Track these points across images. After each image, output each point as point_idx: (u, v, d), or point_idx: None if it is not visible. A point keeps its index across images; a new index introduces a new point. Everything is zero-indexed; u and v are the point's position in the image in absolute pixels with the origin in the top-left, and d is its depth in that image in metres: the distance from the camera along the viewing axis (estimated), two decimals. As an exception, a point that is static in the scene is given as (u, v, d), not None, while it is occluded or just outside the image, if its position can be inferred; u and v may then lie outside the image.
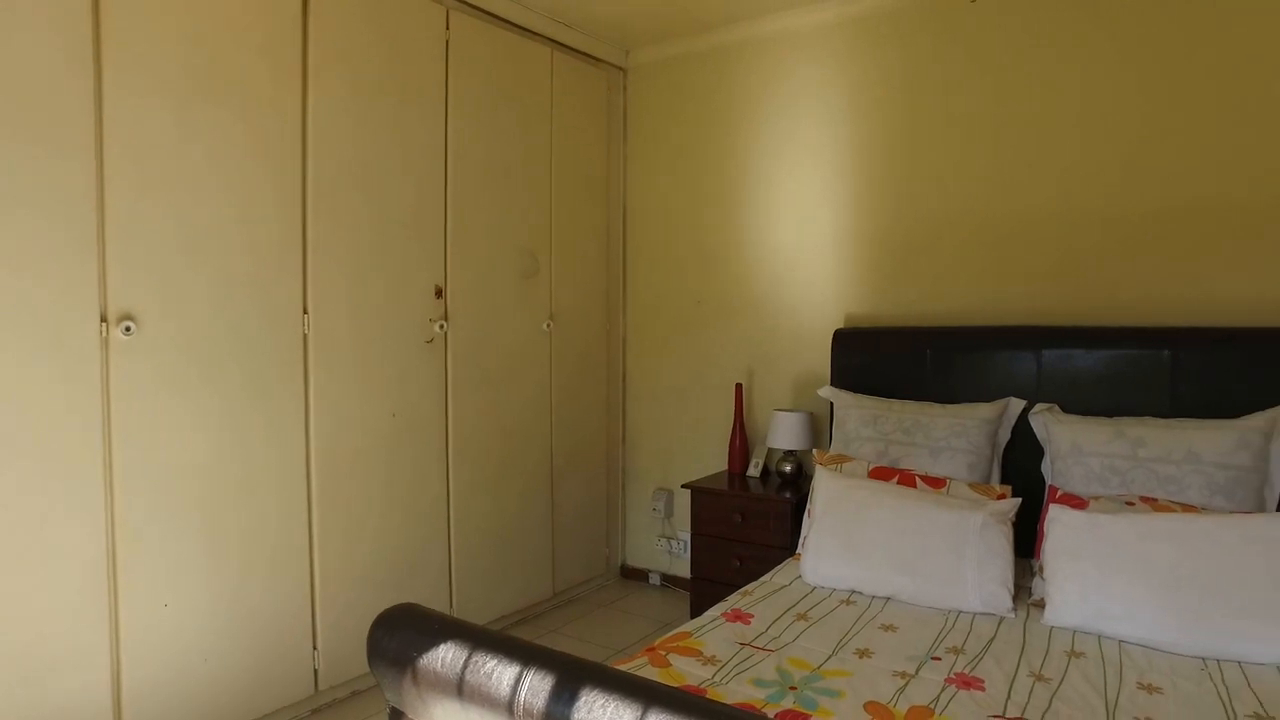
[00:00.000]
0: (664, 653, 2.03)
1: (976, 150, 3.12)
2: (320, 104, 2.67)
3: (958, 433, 2.77)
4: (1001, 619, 2.28)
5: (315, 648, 2.72)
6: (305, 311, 2.66)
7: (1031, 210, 3.02)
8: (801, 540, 2.81)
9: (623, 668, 1.92)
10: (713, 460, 3.73)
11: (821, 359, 3.40)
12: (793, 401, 3.55)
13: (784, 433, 3.30)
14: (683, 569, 3.81)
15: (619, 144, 4.03)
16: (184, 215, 2.35)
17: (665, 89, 3.90)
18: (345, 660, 2.79)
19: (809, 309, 3.52)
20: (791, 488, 3.23)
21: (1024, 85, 3.02)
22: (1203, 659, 2.02)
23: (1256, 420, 2.42)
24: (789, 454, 3.35)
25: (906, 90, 3.26)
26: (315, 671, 2.72)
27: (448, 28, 3.09)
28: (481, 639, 1.23)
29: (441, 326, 3.10)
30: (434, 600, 3.13)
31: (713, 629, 2.20)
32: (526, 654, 1.17)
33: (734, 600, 2.43)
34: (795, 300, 3.56)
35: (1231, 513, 2.26)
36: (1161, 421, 2.53)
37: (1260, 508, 2.37)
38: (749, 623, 2.25)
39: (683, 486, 3.40)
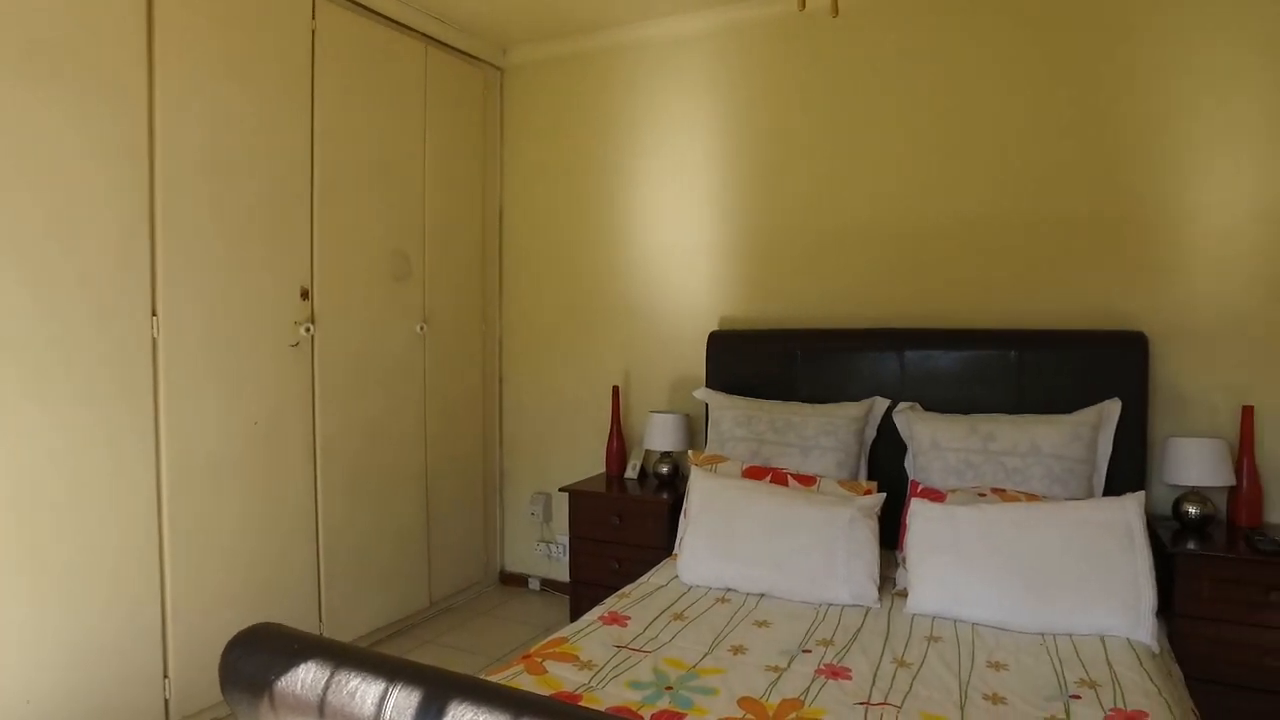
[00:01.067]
0: (540, 659, 2.01)
1: (845, 160, 3.26)
2: (169, 91, 2.49)
3: (827, 431, 2.88)
4: (869, 610, 2.38)
5: (166, 676, 2.53)
6: (154, 314, 2.48)
7: (897, 219, 3.18)
8: (678, 541, 2.85)
9: (498, 677, 1.89)
10: (591, 463, 3.73)
11: (697, 361, 3.46)
12: (669, 403, 3.60)
13: (660, 434, 3.33)
14: (562, 573, 3.79)
15: (495, 144, 3.97)
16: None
17: (543, 90, 3.87)
18: (201, 688, 2.61)
19: (685, 312, 3.58)
20: (668, 489, 3.27)
21: (889, 99, 3.18)
22: (1041, 635, 2.18)
23: (1087, 415, 2.64)
24: (666, 455, 3.39)
25: (778, 99, 3.37)
26: (166, 702, 2.54)
27: (314, 17, 2.96)
28: (345, 656, 1.18)
29: (308, 329, 2.96)
30: (300, 617, 2.98)
31: (590, 633, 2.19)
32: (392, 670, 1.13)
33: (611, 603, 2.43)
34: (671, 303, 3.61)
35: (1065, 499, 2.45)
36: (1009, 417, 2.71)
37: (1089, 493, 2.59)
38: (626, 625, 2.25)
39: (560, 490, 3.38)
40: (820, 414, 2.93)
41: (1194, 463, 2.60)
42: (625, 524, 3.18)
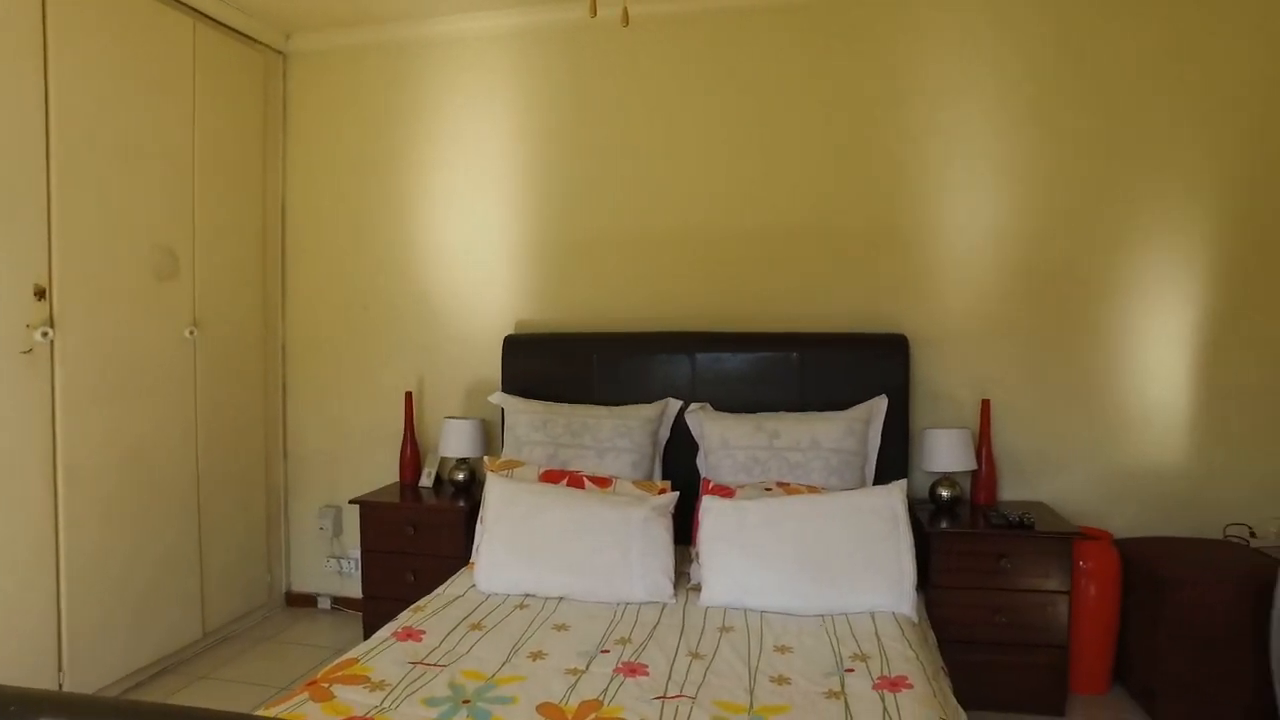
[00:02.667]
0: (327, 684, 1.88)
1: (640, 167, 3.35)
2: None
3: (622, 433, 2.93)
4: (664, 605, 2.45)
5: None
6: None
7: (691, 226, 3.31)
8: (475, 548, 2.79)
9: (281, 709, 1.75)
10: (384, 472, 3.57)
11: (493, 365, 3.41)
12: (465, 409, 3.52)
13: (456, 441, 3.25)
14: (355, 589, 3.59)
15: (278, 135, 3.69)
16: None
17: (332, 80, 3.65)
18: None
19: (481, 315, 3.52)
20: (465, 496, 3.19)
21: (679, 110, 3.30)
22: (821, 617, 2.34)
23: (860, 411, 2.89)
24: (462, 462, 3.31)
25: (574, 105, 3.40)
26: None
27: (47, -22, 2.60)
28: (77, 710, 1.03)
29: (45, 333, 2.59)
30: (33, 665, 2.59)
31: (383, 651, 2.09)
32: (118, 715, 0.99)
33: (405, 617, 2.33)
34: (467, 306, 3.53)
35: (842, 489, 2.66)
36: (792, 415, 2.90)
37: (862, 483, 2.83)
38: (421, 639, 2.17)
39: (351, 502, 3.21)
40: (615, 416, 2.99)
41: (945, 451, 2.92)
42: (420, 534, 3.07)
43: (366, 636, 2.38)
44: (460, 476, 3.28)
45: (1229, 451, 3.03)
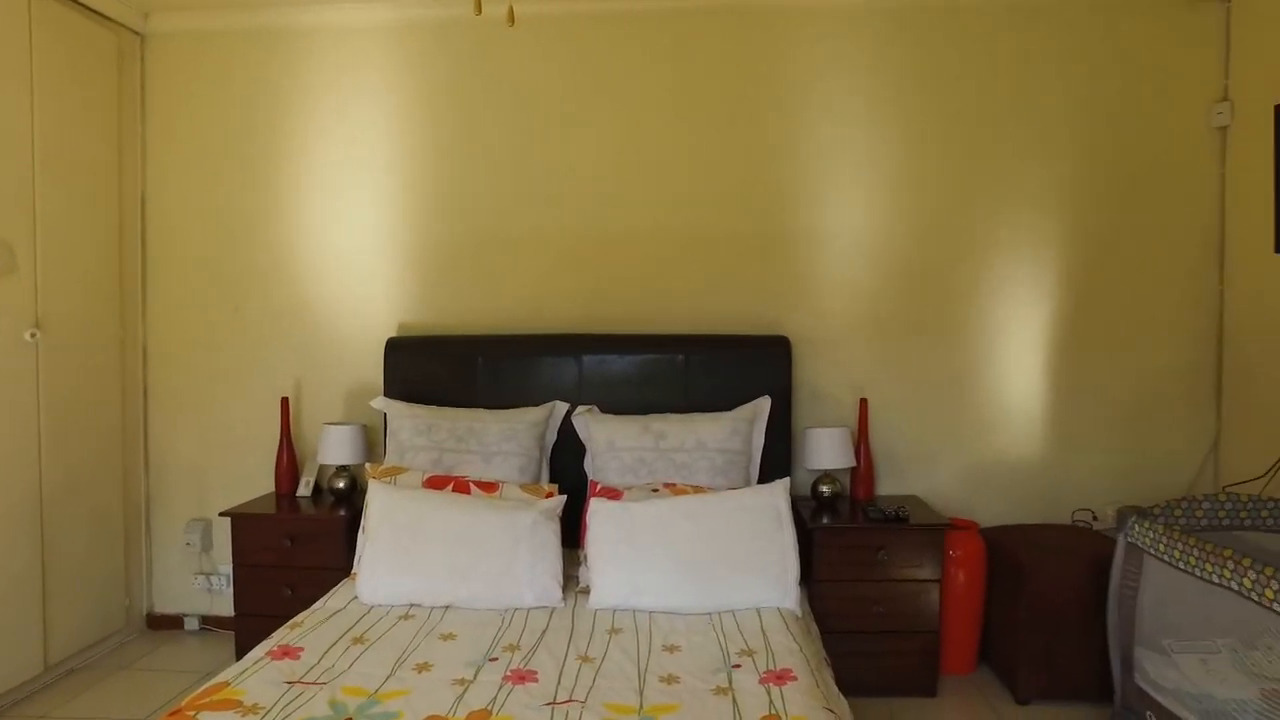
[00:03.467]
0: (193, 712, 1.76)
1: (526, 168, 3.31)
2: None
3: (508, 437, 2.89)
4: (553, 610, 2.43)
5: None
6: None
7: (577, 227, 3.30)
8: (357, 559, 2.68)
9: (137, 741, 1.62)
10: (258, 482, 3.38)
11: (375, 369, 3.29)
12: (346, 414, 3.39)
13: (336, 447, 3.12)
14: (226, 607, 3.38)
15: (135, 123, 3.44)
16: None
17: (197, 66, 3.43)
18: None
19: (362, 317, 3.39)
20: (346, 504, 3.07)
21: (569, 114, 3.29)
22: (709, 614, 2.38)
23: (744, 411, 2.95)
24: (342, 469, 3.18)
25: (458, 102, 3.33)
26: None
27: None
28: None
29: None
30: None
31: (256, 671, 1.98)
32: None
33: (281, 635, 2.22)
34: (347, 307, 3.40)
35: (727, 489, 2.71)
36: (678, 416, 2.94)
37: (747, 482, 2.90)
38: (299, 657, 2.07)
39: (222, 514, 3.02)
40: (502, 420, 2.94)
41: (826, 449, 3.02)
42: (298, 546, 2.93)
43: (239, 657, 2.25)
44: (341, 485, 3.15)
45: (1075, 444, 3.28)
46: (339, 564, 2.89)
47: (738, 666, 2.03)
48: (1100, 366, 3.27)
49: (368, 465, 2.88)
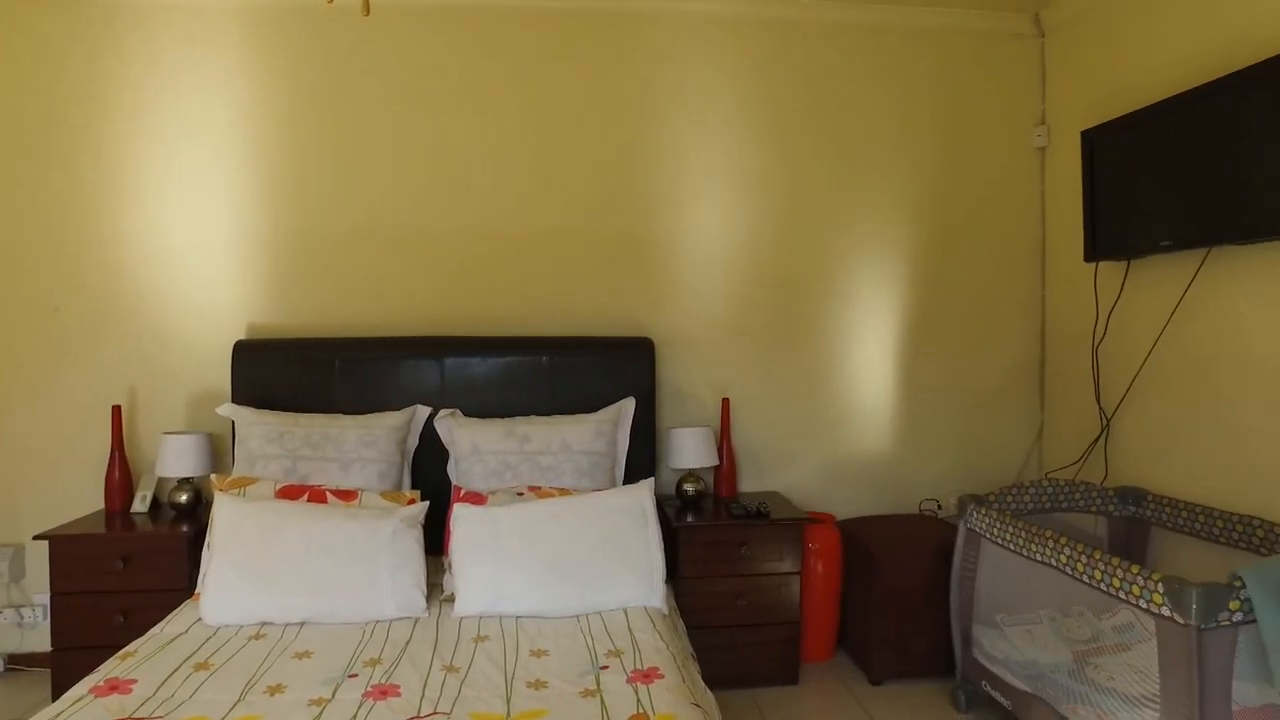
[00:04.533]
0: (4, 757, 1.59)
1: (385, 164, 3.19)
2: None
3: (368, 443, 2.78)
4: (417, 620, 2.36)
5: None
6: None
7: (438, 226, 3.21)
8: (201, 577, 2.50)
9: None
10: (83, 500, 3.08)
11: (222, 374, 3.08)
12: (189, 423, 3.15)
13: (177, 459, 2.90)
14: (42, 642, 3.06)
15: (-74, 101, 3.06)
16: None
17: (4, 37, 3.09)
18: None
19: (207, 318, 3.16)
20: (189, 520, 2.85)
21: (432, 111, 3.20)
22: (577, 617, 2.37)
23: (608, 413, 2.97)
24: (185, 482, 2.95)
25: (311, 92, 3.17)
26: None
27: None
28: None
29: None
30: None
31: (76, 712, 1.79)
32: None
33: (110, 667, 2.03)
34: (191, 308, 3.16)
35: (592, 490, 2.71)
36: (542, 419, 2.92)
37: (612, 483, 2.91)
38: (131, 690, 1.90)
39: (36, 537, 2.73)
40: (360, 425, 2.83)
41: (690, 449, 3.09)
42: (133, 567, 2.70)
43: (56, 697, 2.04)
44: (183, 498, 2.92)
45: (921, 438, 3.51)
46: (181, 585, 2.68)
47: (606, 668, 2.03)
48: (942, 366, 3.51)
49: (213, 476, 2.69)
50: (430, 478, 2.95)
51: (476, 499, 2.63)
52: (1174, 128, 2.66)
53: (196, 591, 2.51)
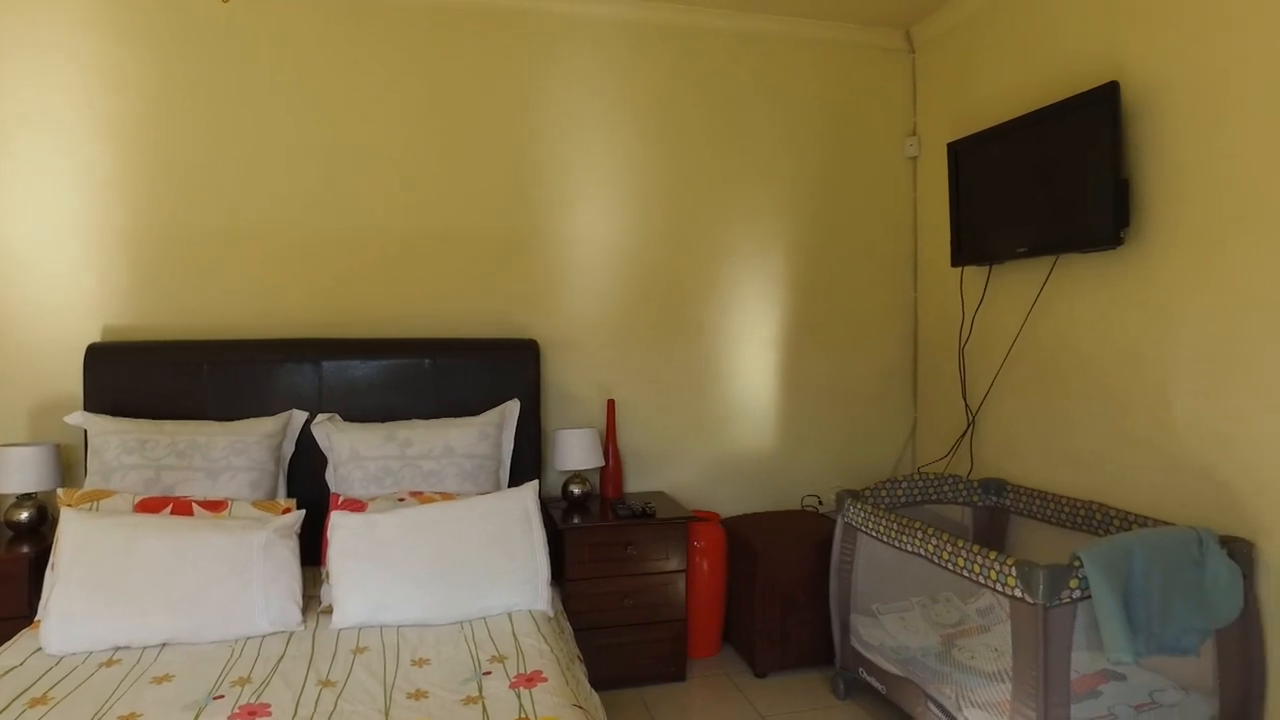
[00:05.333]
0: None
1: (256, 158, 3.04)
2: None
3: (239, 451, 2.64)
4: (292, 634, 2.26)
5: None
6: None
7: (314, 226, 3.08)
8: (42, 604, 2.29)
9: None
10: (-89, 520, 2.80)
11: (73, 379, 2.87)
12: (31, 434, 2.90)
13: (16, 473, 2.65)
14: None
15: None
16: None
17: None
18: None
19: (55, 319, 2.92)
20: (31, 540, 2.62)
21: (310, 101, 3.06)
22: (460, 623, 2.33)
23: (492, 415, 2.93)
24: (26, 498, 2.72)
25: (172, 79, 2.98)
26: None
27: None
28: None
29: None
30: None
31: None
32: None
33: (-67, 706, 1.85)
34: (35, 308, 2.91)
35: (476, 494, 2.67)
36: (424, 422, 2.85)
37: (497, 487, 2.88)
38: (-44, 730, 1.74)
39: None
40: (230, 432, 2.69)
41: (575, 450, 3.08)
42: (-35, 594, 2.46)
43: None
44: (24, 516, 2.68)
45: (803, 435, 3.62)
46: (23, 612, 2.46)
47: (488, 674, 2.00)
48: (823, 366, 3.64)
49: (61, 491, 2.49)
50: (308, 486, 2.84)
51: (355, 506, 2.54)
52: (1023, 145, 2.85)
53: (36, 619, 2.31)
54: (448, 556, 2.37)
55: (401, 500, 2.59)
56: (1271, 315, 2.16)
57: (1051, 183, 2.73)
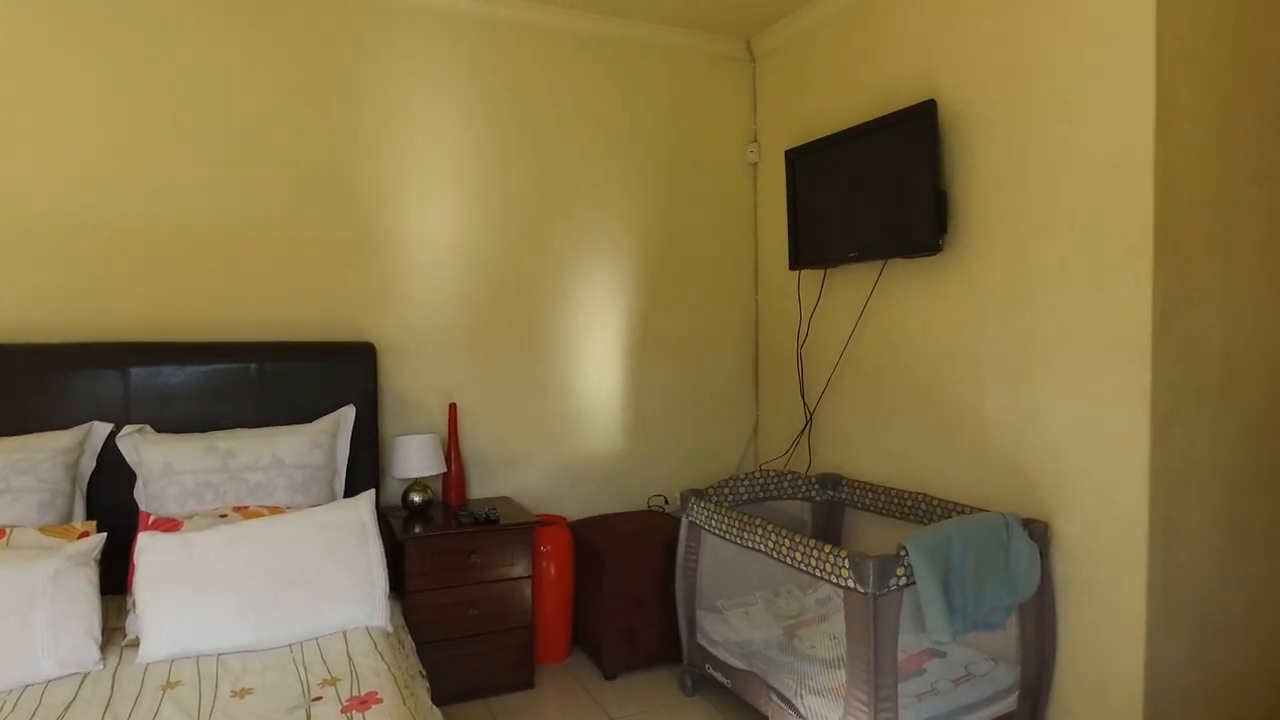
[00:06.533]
0: None
1: (55, 148, 2.71)
2: None
3: (23, 469, 2.34)
4: (86, 675, 2.02)
5: None
6: None
7: (121, 214, 2.78)
8: None
9: None
10: None
11: None
12: None
13: None
14: None
15: None
16: None
17: None
18: None
19: None
20: None
21: (121, 84, 2.76)
22: (289, 646, 2.17)
23: (325, 423, 2.76)
24: None
25: (-62, 52, 2.62)
26: None
27: None
28: None
29: None
30: None
31: None
32: None
33: None
34: None
35: (308, 507, 2.50)
36: (250, 431, 2.65)
37: (332, 498, 2.71)
38: None
39: None
40: (13, 450, 2.37)
41: (415, 457, 2.96)
42: None
43: None
44: None
45: (649, 436, 3.65)
46: None
47: (319, 699, 1.88)
48: (668, 367, 3.68)
49: None
50: (113, 507, 2.57)
51: (168, 525, 2.32)
52: (854, 155, 3.00)
53: None
54: (275, 575, 2.20)
55: (224, 516, 2.39)
56: (1063, 316, 2.37)
57: (879, 191, 2.89)
